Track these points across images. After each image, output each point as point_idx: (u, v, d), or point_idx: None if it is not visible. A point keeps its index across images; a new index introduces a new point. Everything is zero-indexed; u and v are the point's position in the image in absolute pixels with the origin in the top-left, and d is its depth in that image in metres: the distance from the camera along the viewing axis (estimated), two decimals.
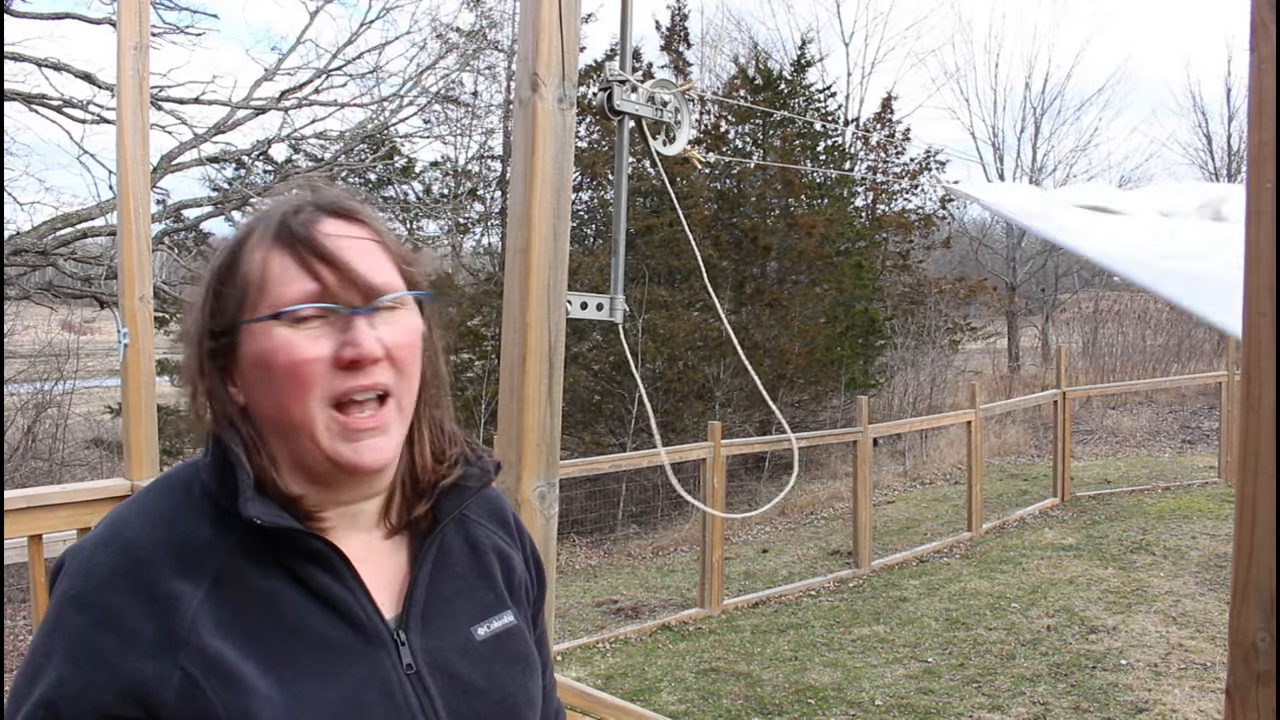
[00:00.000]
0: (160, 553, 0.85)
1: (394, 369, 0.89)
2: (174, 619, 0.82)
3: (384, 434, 0.88)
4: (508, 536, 1.08)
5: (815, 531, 10.06)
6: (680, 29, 15.55)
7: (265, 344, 0.86)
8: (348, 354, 0.85)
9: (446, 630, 0.95)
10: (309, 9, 11.37)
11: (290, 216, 0.89)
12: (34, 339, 13.38)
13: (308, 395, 0.85)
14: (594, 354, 13.40)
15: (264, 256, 0.88)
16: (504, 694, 0.96)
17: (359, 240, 0.90)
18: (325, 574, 0.88)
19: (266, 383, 0.87)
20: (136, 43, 2.57)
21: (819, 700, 5.22)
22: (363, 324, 0.86)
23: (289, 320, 0.86)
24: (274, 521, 0.85)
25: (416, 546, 0.98)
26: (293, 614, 0.86)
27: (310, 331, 0.86)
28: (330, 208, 0.91)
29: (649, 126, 2.27)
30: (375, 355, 0.86)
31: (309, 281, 0.86)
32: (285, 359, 0.85)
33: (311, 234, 0.88)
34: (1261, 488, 0.90)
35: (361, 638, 0.89)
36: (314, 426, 0.86)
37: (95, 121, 10.15)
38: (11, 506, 2.27)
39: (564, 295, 1.96)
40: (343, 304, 0.87)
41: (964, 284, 18.20)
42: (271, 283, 0.87)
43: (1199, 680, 5.11)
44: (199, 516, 0.88)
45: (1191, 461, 11.48)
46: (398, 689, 0.88)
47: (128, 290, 2.59)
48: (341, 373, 0.86)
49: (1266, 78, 0.88)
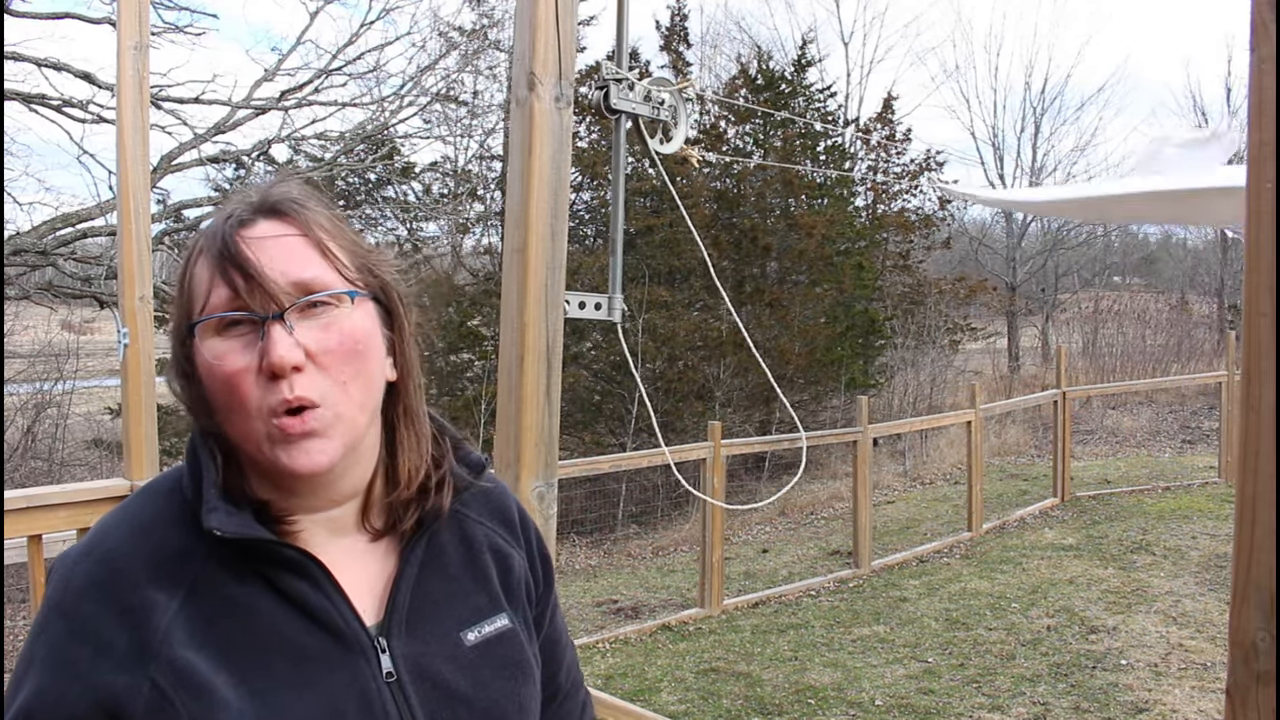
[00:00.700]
0: (137, 562, 0.84)
1: (324, 374, 0.84)
2: (146, 630, 0.81)
3: (320, 436, 0.84)
4: (509, 534, 1.05)
5: (815, 531, 10.06)
6: (680, 29, 15.56)
7: (205, 354, 0.85)
8: (264, 363, 0.82)
9: (433, 635, 0.92)
10: (309, 9, 11.39)
11: (221, 222, 0.87)
12: (34, 339, 13.38)
13: (246, 407, 0.83)
14: (594, 354, 13.40)
15: (198, 264, 0.87)
16: (491, 702, 0.93)
17: (284, 239, 0.86)
18: (301, 581, 0.86)
19: (212, 394, 0.85)
20: (136, 42, 2.57)
21: (819, 700, 5.22)
22: (278, 331, 0.82)
23: (216, 331, 0.84)
24: (237, 532, 0.84)
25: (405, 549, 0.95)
26: (268, 623, 0.85)
27: (236, 341, 0.84)
28: (265, 207, 0.88)
29: (646, 125, 2.27)
30: (290, 363, 0.82)
31: (222, 288, 0.84)
32: (219, 372, 0.84)
33: (229, 239, 0.85)
34: (1261, 488, 0.90)
35: (340, 645, 0.86)
36: (256, 436, 0.84)
37: (95, 121, 10.16)
38: (11, 506, 2.27)
39: (562, 295, 1.96)
40: (256, 310, 0.83)
41: (964, 284, 18.20)
42: (199, 293, 0.86)
43: (1199, 680, 5.11)
44: (176, 525, 0.87)
45: (1191, 461, 11.48)
46: (376, 698, 0.86)
47: (128, 290, 2.59)
48: (268, 382, 0.83)
49: (1266, 78, 0.88)
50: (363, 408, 0.88)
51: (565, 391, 3.13)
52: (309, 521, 0.90)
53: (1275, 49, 0.87)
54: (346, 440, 0.87)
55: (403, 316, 0.94)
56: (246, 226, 0.87)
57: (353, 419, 0.87)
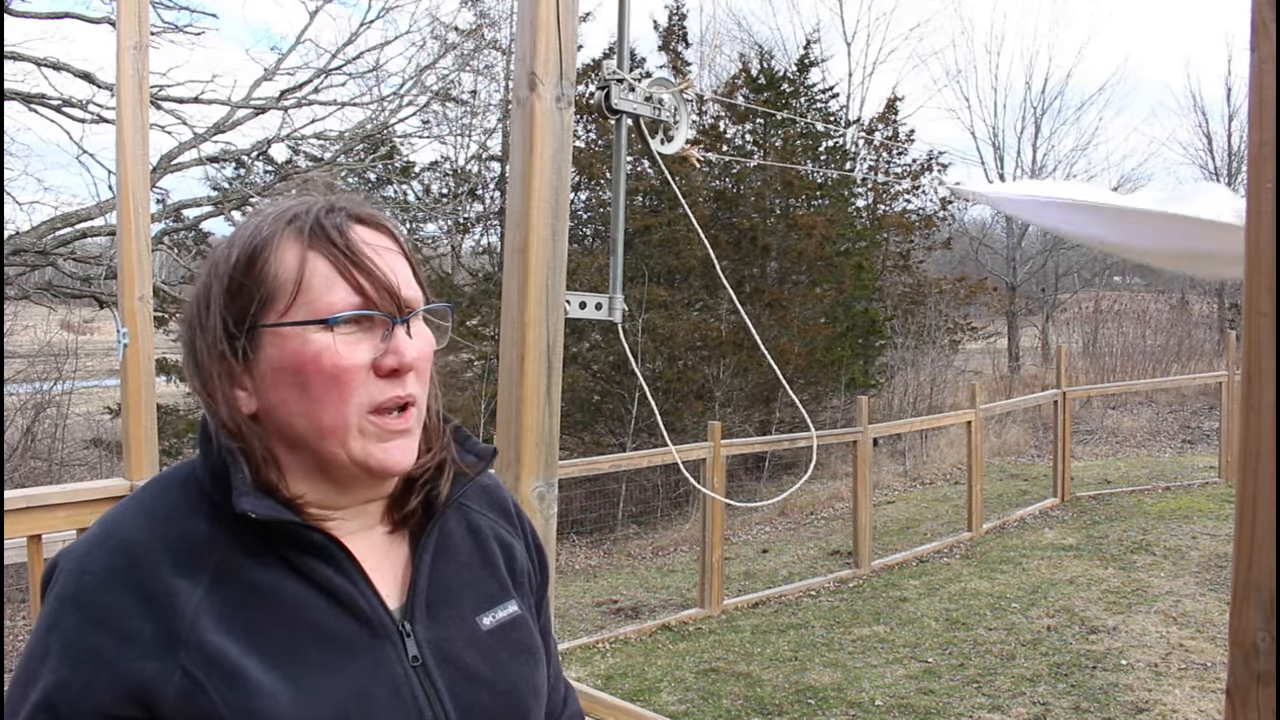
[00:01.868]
0: (157, 550, 0.84)
1: (418, 378, 0.91)
2: (173, 617, 0.81)
3: (410, 436, 0.90)
4: (509, 525, 1.08)
5: (815, 531, 10.06)
6: (678, 29, 15.54)
7: (299, 348, 0.85)
8: (389, 362, 0.87)
9: (452, 620, 0.95)
10: (309, 9, 11.37)
11: (325, 219, 0.89)
12: (33, 339, 13.37)
13: (347, 401, 0.86)
14: (594, 354, 13.40)
15: (299, 259, 0.87)
16: (510, 684, 0.95)
17: (390, 251, 0.91)
18: (327, 566, 0.88)
19: (297, 387, 0.86)
20: (136, 42, 2.57)
21: (819, 700, 5.22)
22: (402, 333, 0.88)
23: (327, 326, 0.86)
24: (268, 515, 0.85)
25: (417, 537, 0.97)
26: (295, 608, 0.86)
27: (348, 338, 0.86)
28: (359, 216, 0.92)
29: (647, 125, 2.27)
30: (414, 365, 0.89)
31: (350, 289, 0.87)
32: (329, 364, 0.85)
33: (351, 241, 0.88)
34: (1261, 488, 0.90)
35: (366, 630, 0.88)
36: (347, 432, 0.87)
37: (95, 121, 10.14)
38: (11, 506, 2.27)
39: (562, 295, 1.96)
40: (385, 313, 0.88)
41: (964, 284, 18.20)
42: (310, 287, 0.86)
43: (1199, 680, 5.11)
44: (195, 513, 0.87)
45: (1192, 461, 11.47)
46: (404, 682, 0.88)
47: (127, 290, 2.59)
48: (380, 380, 0.87)
49: (1266, 78, 0.88)
50: (429, 412, 0.95)
51: (565, 391, 3.13)
52: (337, 515, 0.92)
53: (1275, 49, 0.87)
54: (419, 441, 0.93)
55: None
56: (355, 230, 0.90)
57: (424, 421, 0.94)
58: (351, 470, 0.88)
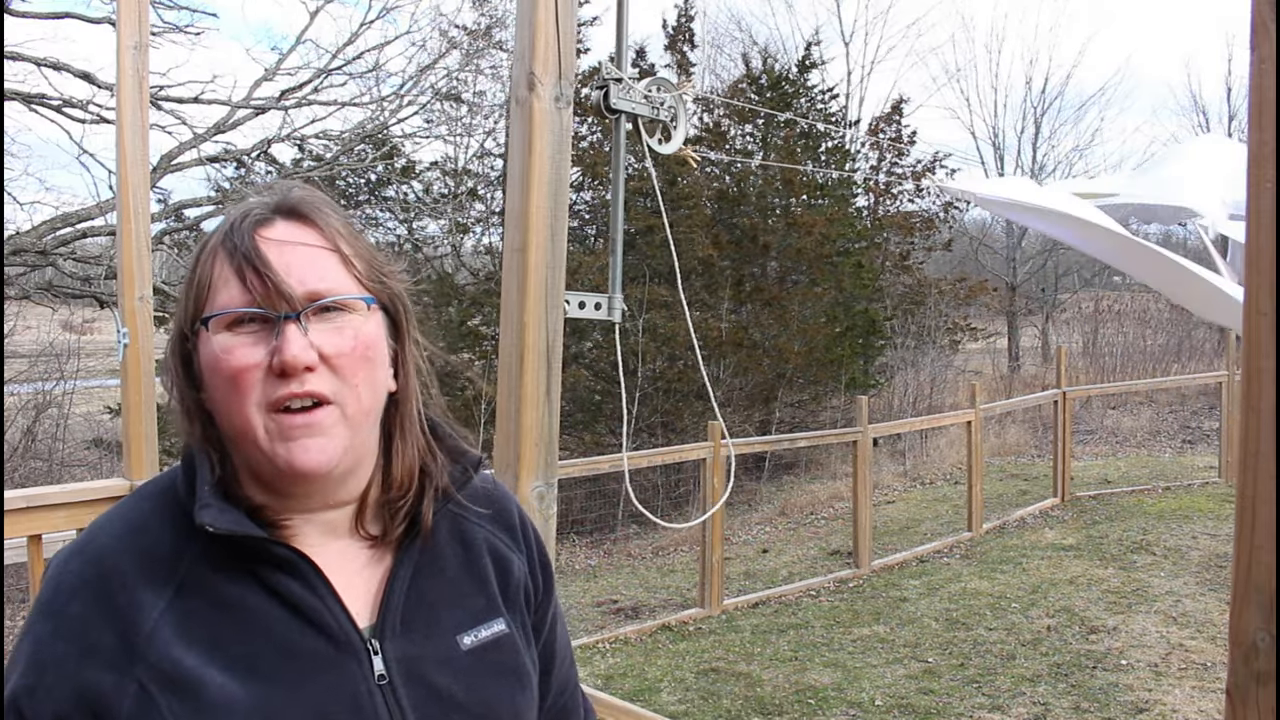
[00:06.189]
0: (127, 562, 0.85)
1: (335, 375, 0.86)
2: (133, 630, 0.82)
3: (322, 435, 0.86)
4: (510, 538, 1.04)
5: (815, 531, 10.05)
6: (686, 29, 15.53)
7: (210, 350, 0.86)
8: (275, 360, 0.84)
9: (428, 638, 0.92)
10: (309, 8, 11.38)
11: (237, 221, 0.88)
12: (34, 339, 13.36)
13: (245, 401, 0.85)
14: (594, 354, 13.38)
15: (210, 261, 0.88)
16: (486, 707, 0.92)
17: (303, 245, 0.88)
18: (293, 580, 0.87)
19: (214, 388, 0.87)
20: (136, 42, 2.57)
21: (819, 700, 5.21)
22: (292, 330, 0.84)
23: (225, 326, 0.86)
24: (229, 529, 0.84)
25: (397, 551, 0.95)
26: (259, 621, 0.85)
27: (247, 337, 0.85)
28: (284, 209, 0.90)
29: (645, 125, 2.27)
30: (303, 362, 0.84)
31: (239, 288, 0.86)
32: (225, 365, 0.85)
33: (248, 239, 0.87)
34: (1261, 488, 0.90)
35: (331, 645, 0.86)
36: (255, 431, 0.85)
37: (95, 121, 10.15)
38: (11, 506, 2.27)
39: (562, 294, 1.96)
40: (272, 310, 0.85)
41: (964, 284, 18.19)
42: (212, 288, 0.87)
43: (1199, 680, 5.11)
44: (167, 524, 0.87)
45: (1192, 461, 11.47)
46: (366, 700, 0.86)
47: (127, 290, 2.59)
48: (275, 379, 0.84)
49: (1266, 78, 0.88)
50: (368, 413, 0.90)
51: (565, 391, 3.13)
52: (303, 523, 0.91)
53: (1275, 49, 0.87)
54: (346, 443, 0.88)
55: (407, 329, 0.95)
56: (265, 226, 0.88)
57: (357, 422, 0.88)
58: (273, 471, 0.87)
